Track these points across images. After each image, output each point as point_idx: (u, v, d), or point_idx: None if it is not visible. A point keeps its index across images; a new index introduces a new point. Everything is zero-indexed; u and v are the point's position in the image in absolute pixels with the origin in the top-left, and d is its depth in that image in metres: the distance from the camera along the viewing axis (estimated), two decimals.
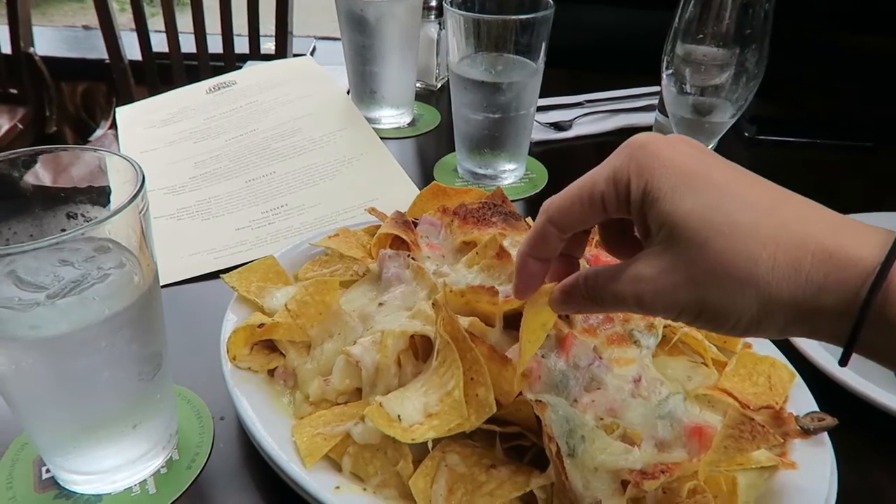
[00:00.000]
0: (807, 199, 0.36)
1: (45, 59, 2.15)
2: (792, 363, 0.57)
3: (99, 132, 2.19)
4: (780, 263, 0.33)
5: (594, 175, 0.39)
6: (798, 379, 0.56)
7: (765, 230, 0.33)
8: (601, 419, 0.49)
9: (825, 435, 0.51)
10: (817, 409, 0.53)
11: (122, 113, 1.07)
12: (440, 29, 1.15)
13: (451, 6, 0.83)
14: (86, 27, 2.69)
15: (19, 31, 2.00)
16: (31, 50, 2.08)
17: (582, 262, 0.59)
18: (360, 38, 1.00)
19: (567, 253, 0.44)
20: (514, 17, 0.80)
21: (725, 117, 0.84)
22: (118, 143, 1.01)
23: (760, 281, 0.33)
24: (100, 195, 0.49)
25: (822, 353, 0.61)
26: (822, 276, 0.32)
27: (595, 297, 0.39)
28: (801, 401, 0.54)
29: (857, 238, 0.33)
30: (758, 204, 0.34)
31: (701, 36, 0.80)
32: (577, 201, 0.39)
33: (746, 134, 1.09)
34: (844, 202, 0.85)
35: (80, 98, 2.36)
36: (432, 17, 1.14)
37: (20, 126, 2.03)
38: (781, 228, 0.33)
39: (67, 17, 4.17)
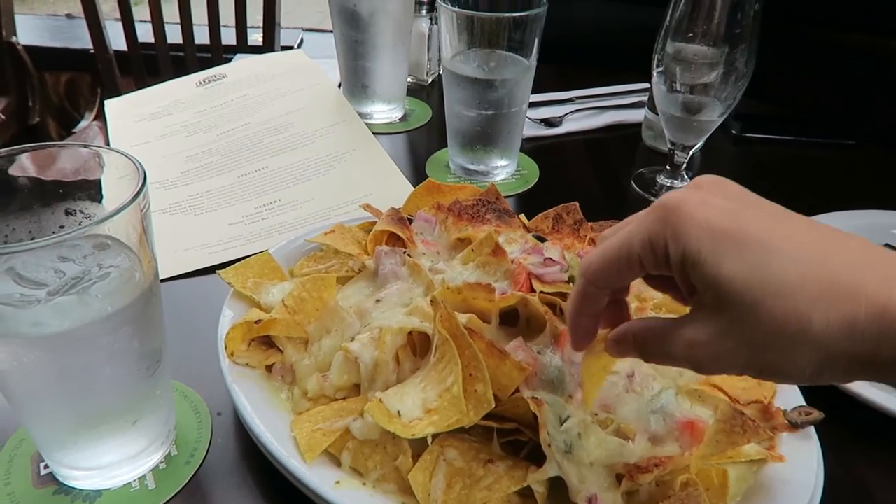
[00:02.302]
0: (852, 240, 0.35)
1: (28, 48, 2.12)
2: None
3: (83, 123, 2.16)
4: (833, 321, 0.32)
5: (630, 237, 0.38)
6: None
7: (813, 286, 0.33)
8: (595, 414, 0.50)
9: (812, 429, 0.52)
10: (804, 403, 0.55)
11: (111, 106, 1.06)
12: (431, 24, 1.16)
13: (445, 2, 0.83)
14: (69, 16, 2.65)
15: (1, 20, 1.97)
16: (14, 39, 2.05)
17: (577, 259, 0.60)
18: (353, 33, 1.00)
19: (613, 298, 0.44)
20: (507, 14, 0.81)
21: (714, 116, 0.85)
22: (104, 135, 1.01)
23: (816, 339, 0.32)
24: (98, 191, 0.49)
25: None
26: (877, 331, 0.32)
27: (645, 353, 0.40)
28: (789, 395, 0.56)
29: None
30: (802, 257, 0.33)
31: (691, 34, 0.81)
32: (615, 263, 0.39)
33: (733, 131, 1.10)
34: (828, 199, 0.87)
35: (64, 88, 2.33)
36: (423, 11, 1.14)
37: (2, 116, 2.01)
38: (831, 282, 0.32)
39: (49, 5, 4.11)
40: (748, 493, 0.48)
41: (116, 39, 1.93)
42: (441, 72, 0.90)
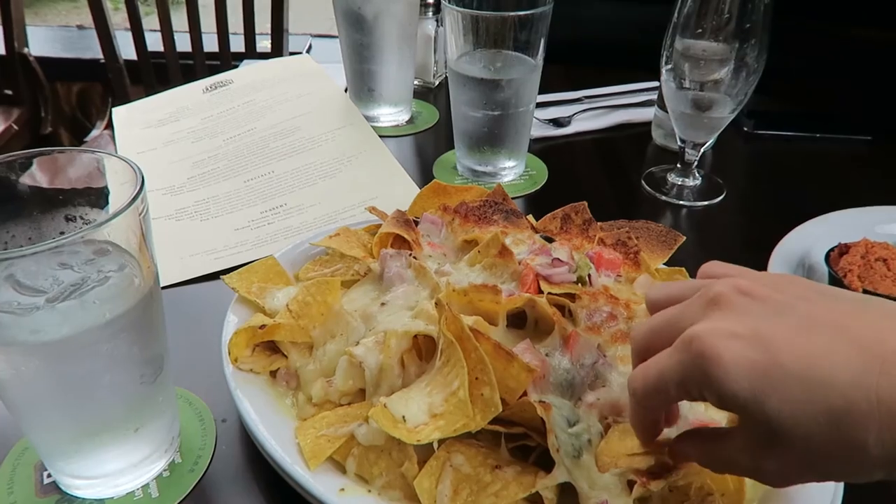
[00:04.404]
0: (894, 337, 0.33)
1: (40, 59, 2.14)
2: None
3: (95, 132, 2.18)
4: (887, 443, 0.31)
5: (664, 377, 0.37)
6: None
7: (861, 411, 0.32)
8: (605, 418, 0.48)
9: None
10: None
11: (119, 113, 1.06)
12: (437, 26, 1.15)
13: (450, 3, 0.82)
14: (80, 27, 2.68)
15: (13, 32, 1.99)
16: (26, 50, 2.07)
17: (586, 259, 0.59)
18: (358, 36, 1.00)
19: None
20: (512, 13, 0.80)
21: (725, 112, 0.83)
22: (114, 144, 1.00)
23: (875, 460, 0.32)
24: (98, 197, 0.48)
25: None
26: None
27: (710, 467, 0.41)
28: None
29: None
30: (844, 380, 0.32)
31: (700, 30, 0.80)
32: (656, 395, 0.39)
33: (745, 128, 1.09)
34: (843, 196, 0.85)
35: (76, 98, 2.35)
36: (429, 13, 1.13)
37: (15, 127, 2.03)
38: (878, 404, 0.31)
39: (61, 16, 4.15)
40: (765, 497, 0.47)
41: (126, 49, 1.95)
42: (447, 73, 0.89)
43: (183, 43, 1.91)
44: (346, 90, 1.10)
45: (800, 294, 0.37)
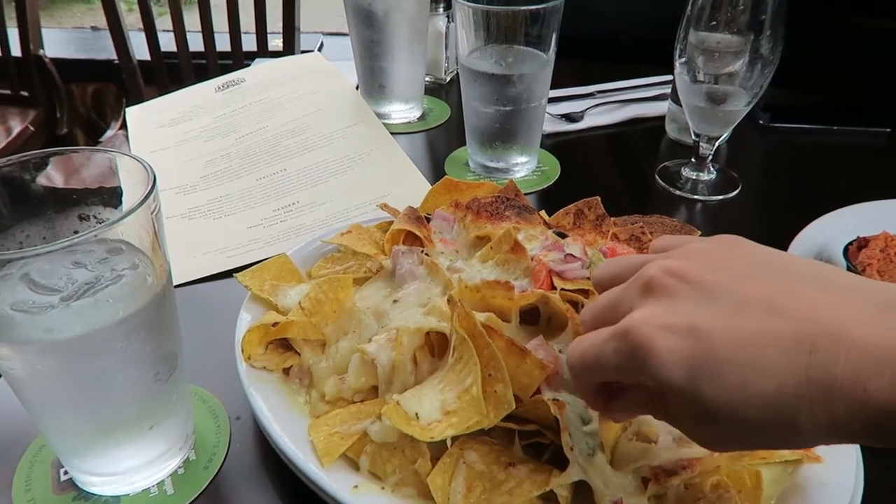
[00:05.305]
0: (828, 311, 0.33)
1: (55, 60, 2.16)
2: None
3: (109, 133, 2.20)
4: (817, 421, 0.32)
5: (601, 359, 0.38)
6: None
7: (791, 392, 0.32)
8: None
9: None
10: None
11: (132, 113, 1.07)
12: (448, 22, 1.14)
13: None
14: (94, 28, 2.70)
15: (28, 34, 2.01)
16: (41, 52, 2.09)
17: (599, 254, 0.58)
18: (369, 33, 1.00)
19: None
20: (523, 7, 0.79)
21: (740, 105, 0.82)
22: (129, 144, 1.01)
23: (808, 436, 0.33)
24: (111, 196, 0.48)
25: None
26: (861, 427, 0.31)
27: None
28: None
29: (881, 377, 0.30)
30: (775, 363, 0.32)
31: (714, 23, 0.79)
32: (593, 373, 0.40)
33: (761, 122, 1.07)
34: (862, 188, 0.84)
35: (91, 99, 2.37)
36: (440, 9, 1.13)
37: (31, 128, 2.05)
38: (808, 384, 0.32)
39: (75, 18, 4.19)
40: (783, 495, 0.46)
41: (140, 49, 1.96)
42: (458, 69, 0.89)
43: (196, 43, 1.92)
44: (357, 87, 1.10)
45: (735, 269, 0.36)
